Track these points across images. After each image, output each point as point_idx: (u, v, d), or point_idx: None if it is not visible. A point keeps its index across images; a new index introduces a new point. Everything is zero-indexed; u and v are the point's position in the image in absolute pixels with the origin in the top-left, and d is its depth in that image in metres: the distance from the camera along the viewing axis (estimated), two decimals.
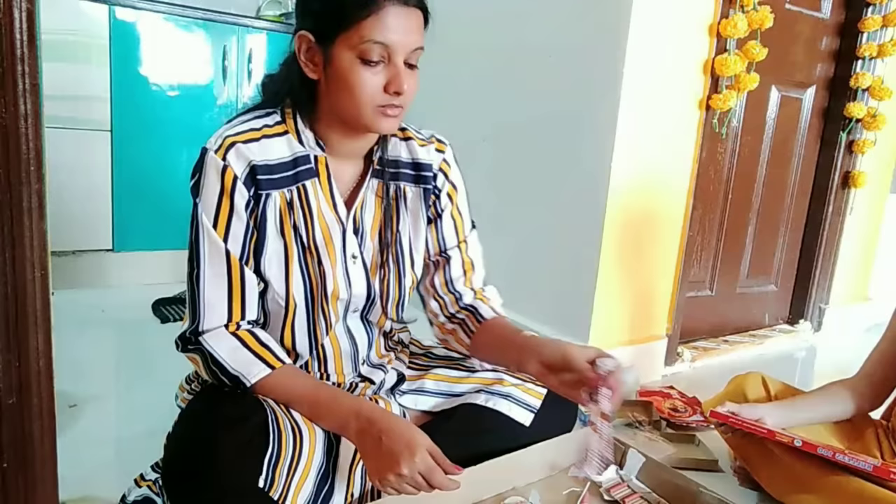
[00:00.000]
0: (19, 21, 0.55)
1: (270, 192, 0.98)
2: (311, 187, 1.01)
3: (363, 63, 0.91)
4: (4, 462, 0.61)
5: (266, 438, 0.90)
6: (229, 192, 0.95)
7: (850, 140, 2.40)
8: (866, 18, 2.25)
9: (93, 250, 2.41)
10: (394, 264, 1.10)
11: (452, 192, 1.15)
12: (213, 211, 0.95)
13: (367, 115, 0.94)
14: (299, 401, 0.98)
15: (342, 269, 1.05)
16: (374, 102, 0.93)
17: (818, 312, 2.56)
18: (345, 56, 0.92)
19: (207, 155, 0.95)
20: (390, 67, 0.93)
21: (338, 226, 1.04)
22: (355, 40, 0.90)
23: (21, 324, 0.60)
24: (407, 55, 0.93)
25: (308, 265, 1.02)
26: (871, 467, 1.09)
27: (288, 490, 0.89)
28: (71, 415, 1.47)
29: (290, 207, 1.00)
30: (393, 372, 1.17)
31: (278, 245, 1.00)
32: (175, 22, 2.43)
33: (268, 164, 0.97)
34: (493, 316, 1.16)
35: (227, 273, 0.96)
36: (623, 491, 1.18)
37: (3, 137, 0.56)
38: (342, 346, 1.10)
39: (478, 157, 2.17)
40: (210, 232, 0.95)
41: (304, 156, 1.00)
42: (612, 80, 1.74)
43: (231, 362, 0.95)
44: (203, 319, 0.96)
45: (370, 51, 0.90)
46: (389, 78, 0.93)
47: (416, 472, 0.86)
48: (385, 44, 0.90)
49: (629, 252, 1.88)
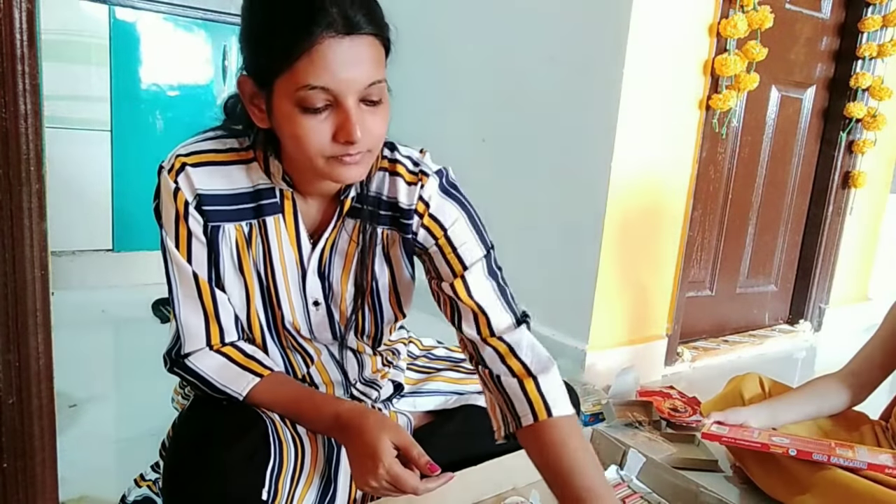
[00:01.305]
0: (19, 21, 0.55)
1: (221, 224, 0.90)
2: (272, 224, 0.92)
3: (304, 111, 0.77)
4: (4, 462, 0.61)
5: (267, 450, 0.88)
6: (183, 216, 0.88)
7: (850, 140, 2.40)
8: (866, 18, 2.25)
9: (93, 250, 2.40)
10: (369, 310, 1.00)
11: (436, 230, 0.95)
12: (174, 235, 0.89)
13: (321, 165, 0.80)
14: (285, 409, 0.94)
15: (302, 313, 0.97)
16: (325, 153, 0.79)
17: (818, 312, 2.56)
18: (285, 105, 0.78)
19: (162, 174, 0.89)
20: (339, 112, 0.77)
21: (297, 269, 0.95)
22: (291, 87, 0.76)
23: (21, 324, 0.60)
24: (360, 94, 0.78)
25: (271, 301, 0.95)
26: (866, 465, 1.10)
27: (292, 501, 0.89)
28: (71, 415, 1.47)
29: (249, 242, 0.92)
30: (389, 384, 1.15)
31: (238, 281, 0.93)
32: (175, 22, 2.43)
33: (219, 195, 0.89)
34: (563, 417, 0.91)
35: (198, 297, 0.91)
36: (623, 491, 1.18)
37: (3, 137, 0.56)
38: (331, 375, 1.06)
39: (478, 158, 2.17)
40: (175, 255, 0.90)
41: (268, 188, 0.90)
42: (612, 80, 1.73)
43: (220, 380, 0.92)
44: (185, 343, 0.93)
45: (310, 99, 0.76)
46: (338, 125, 0.78)
47: (384, 482, 0.83)
48: (326, 87, 0.75)
49: (629, 252, 1.88)
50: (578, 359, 1.85)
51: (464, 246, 0.95)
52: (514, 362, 0.92)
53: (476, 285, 0.94)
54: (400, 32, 0.89)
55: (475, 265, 0.94)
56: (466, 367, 1.21)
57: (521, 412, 0.91)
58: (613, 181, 1.77)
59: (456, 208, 0.95)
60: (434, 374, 1.21)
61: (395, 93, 0.87)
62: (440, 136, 2.28)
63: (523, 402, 0.90)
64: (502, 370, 0.93)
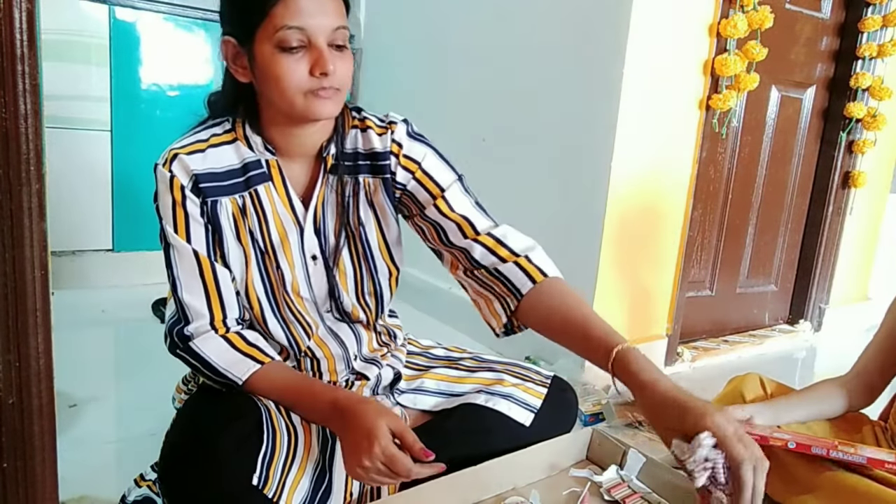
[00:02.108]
0: (19, 21, 0.55)
1: (219, 198, 0.98)
2: (264, 191, 1.01)
3: (283, 51, 0.90)
4: (4, 462, 0.61)
5: (260, 436, 0.90)
6: (181, 201, 0.96)
7: (850, 140, 2.40)
8: (866, 18, 2.25)
9: (93, 250, 2.41)
10: (363, 259, 1.09)
11: (411, 166, 1.07)
12: (172, 220, 0.97)
13: (300, 103, 0.93)
14: (281, 396, 0.99)
15: (302, 270, 1.05)
16: (303, 88, 0.92)
17: (818, 312, 2.56)
18: (265, 50, 0.91)
19: (157, 170, 0.97)
20: (312, 51, 0.91)
21: (295, 227, 1.03)
22: (270, 30, 0.90)
23: (21, 324, 0.60)
24: (329, 36, 0.92)
25: (267, 268, 1.03)
26: (865, 459, 1.10)
27: (283, 489, 0.90)
28: (71, 415, 1.47)
29: (244, 213, 1.01)
30: (388, 369, 1.17)
31: (238, 251, 1.01)
32: (175, 22, 2.43)
33: (212, 173, 0.98)
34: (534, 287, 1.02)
35: (199, 273, 0.98)
36: (623, 491, 1.18)
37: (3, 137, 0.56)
38: (331, 348, 1.10)
39: (478, 158, 2.17)
40: (175, 239, 0.97)
41: (254, 161, 1.01)
42: (612, 79, 1.73)
43: (221, 363, 0.97)
44: (189, 323, 0.98)
45: (287, 38, 0.89)
46: (313, 61, 0.91)
47: (378, 463, 0.86)
48: (300, 27, 0.89)
49: (629, 252, 1.88)
50: (578, 359, 1.85)
51: (438, 173, 1.08)
52: (503, 250, 1.05)
53: (455, 200, 1.08)
54: (401, 32, 0.92)
55: (451, 186, 1.08)
56: (465, 364, 1.21)
57: (520, 283, 1.03)
58: (613, 181, 1.77)
59: (424, 146, 1.09)
60: (432, 371, 1.22)
61: (395, 92, 0.89)
62: (440, 135, 2.27)
63: (519, 275, 1.03)
64: (495, 261, 1.05)
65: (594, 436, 1.32)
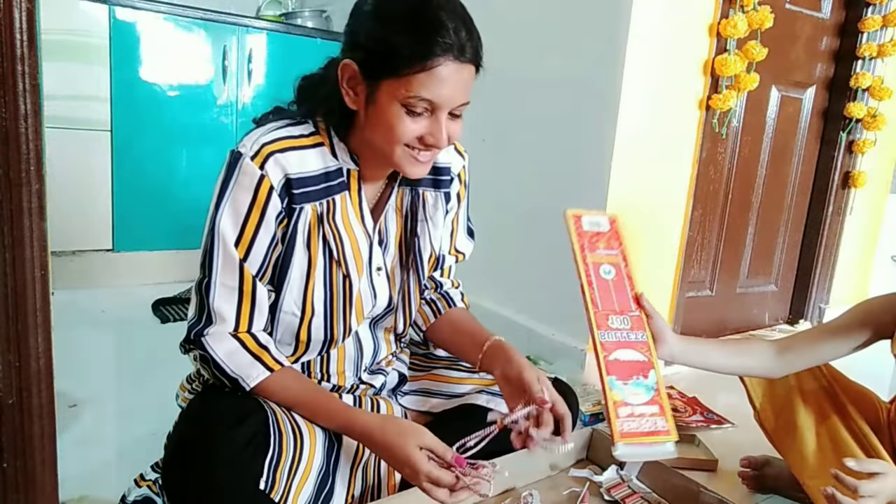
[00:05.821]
0: (19, 21, 0.55)
1: (303, 205, 0.95)
2: (339, 201, 0.99)
3: (407, 112, 0.90)
4: (4, 462, 0.61)
5: (267, 440, 0.89)
6: (262, 202, 0.92)
7: (850, 140, 2.40)
8: (866, 18, 2.25)
9: (93, 250, 2.40)
10: (413, 272, 1.10)
11: (457, 204, 1.17)
12: (240, 221, 0.92)
13: (398, 155, 0.93)
14: (296, 406, 0.97)
15: (367, 281, 1.05)
16: (405, 145, 0.93)
17: (818, 312, 2.56)
18: (388, 99, 0.89)
19: (243, 161, 0.91)
20: (433, 121, 0.91)
21: (365, 238, 1.03)
22: (402, 92, 0.88)
23: (21, 324, 0.60)
24: (454, 109, 0.93)
25: (332, 277, 1.00)
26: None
27: (289, 492, 0.89)
28: (71, 415, 1.47)
29: (320, 221, 0.98)
30: (394, 373, 1.17)
31: (302, 257, 0.98)
32: (175, 22, 2.42)
33: (303, 177, 0.94)
34: (462, 307, 1.22)
35: (238, 287, 0.94)
36: (623, 491, 1.19)
37: (3, 137, 0.56)
38: (348, 352, 1.09)
39: (478, 158, 2.16)
40: (226, 243, 0.92)
41: (336, 169, 0.99)
42: (612, 80, 1.74)
43: (230, 364, 0.94)
44: (209, 324, 0.94)
45: (415, 105, 0.89)
46: (429, 130, 0.92)
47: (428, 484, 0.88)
48: (432, 100, 0.89)
49: (629, 252, 1.88)
50: (578, 359, 1.85)
51: (463, 223, 1.21)
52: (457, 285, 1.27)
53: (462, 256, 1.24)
54: None
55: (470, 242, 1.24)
56: (466, 365, 1.21)
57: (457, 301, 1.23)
58: (613, 181, 1.77)
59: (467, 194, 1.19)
60: (434, 371, 1.22)
61: None
62: None
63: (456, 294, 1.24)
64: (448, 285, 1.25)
65: (594, 436, 1.32)
